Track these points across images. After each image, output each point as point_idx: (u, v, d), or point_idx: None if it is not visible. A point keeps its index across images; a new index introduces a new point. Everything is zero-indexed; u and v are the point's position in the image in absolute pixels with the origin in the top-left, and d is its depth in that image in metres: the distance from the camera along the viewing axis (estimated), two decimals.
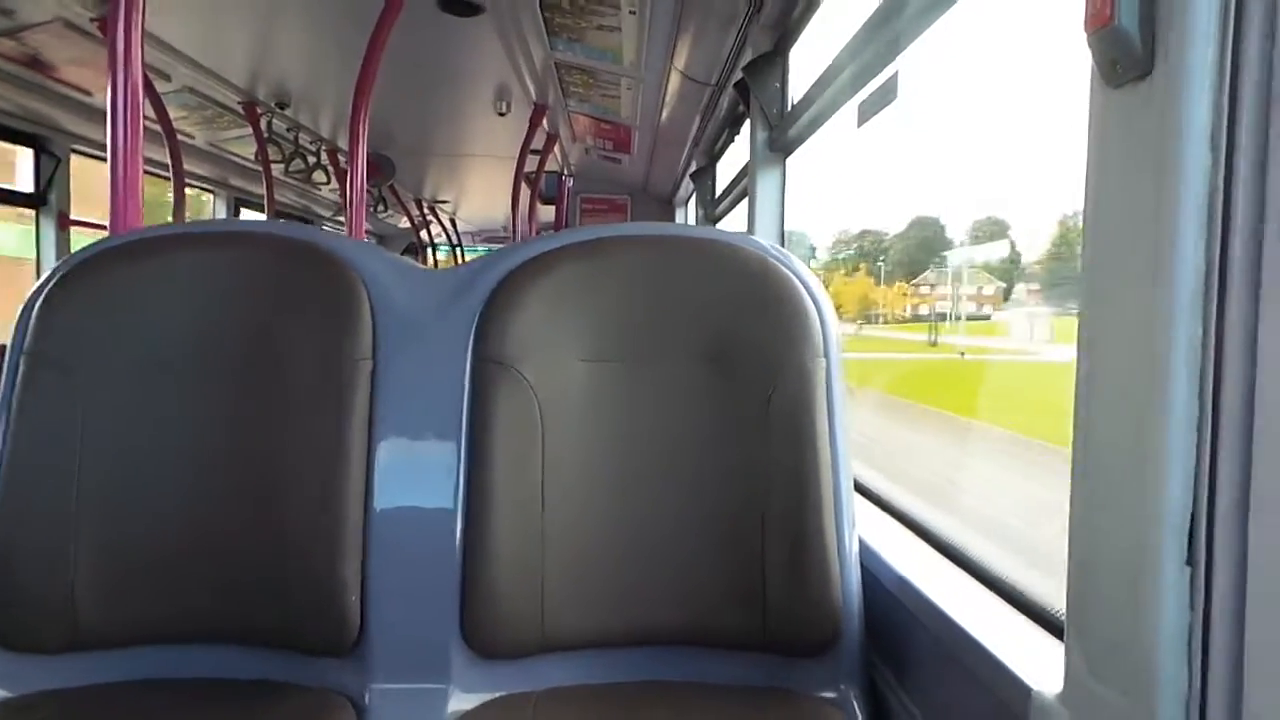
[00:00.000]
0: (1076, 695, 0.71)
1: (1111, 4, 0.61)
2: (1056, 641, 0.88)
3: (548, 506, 1.15)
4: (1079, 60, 0.68)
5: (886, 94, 1.64)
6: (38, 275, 1.42)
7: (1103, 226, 0.67)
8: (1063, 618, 0.73)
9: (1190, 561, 0.60)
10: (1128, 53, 0.61)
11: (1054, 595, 0.94)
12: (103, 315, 1.20)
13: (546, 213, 6.37)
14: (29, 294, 1.22)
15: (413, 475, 1.17)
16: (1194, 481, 0.59)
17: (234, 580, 1.15)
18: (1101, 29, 0.62)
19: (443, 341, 1.20)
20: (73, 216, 4.04)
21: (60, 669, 1.16)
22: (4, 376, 1.19)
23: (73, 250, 1.34)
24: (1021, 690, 0.79)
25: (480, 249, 10.47)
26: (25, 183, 3.96)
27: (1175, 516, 0.60)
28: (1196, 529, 0.59)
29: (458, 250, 10.16)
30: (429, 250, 9.66)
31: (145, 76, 1.65)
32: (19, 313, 1.21)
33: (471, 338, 1.19)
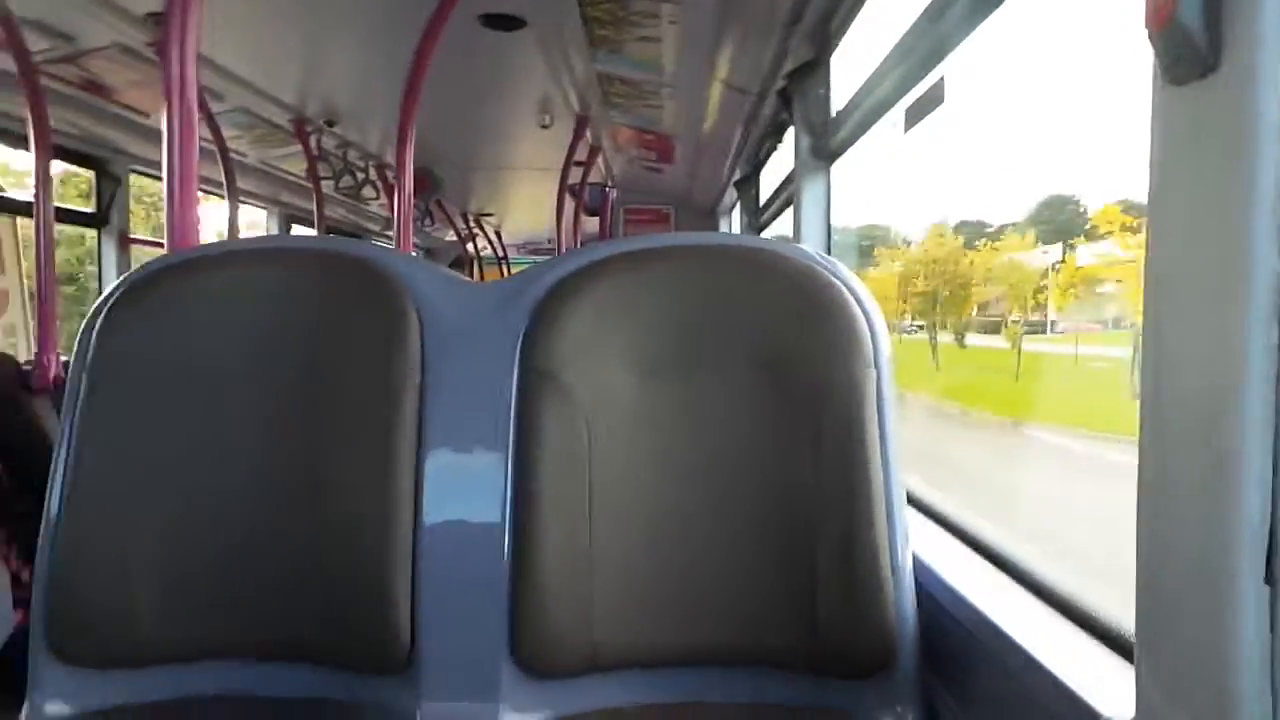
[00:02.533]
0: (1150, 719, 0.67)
1: (1173, 0, 0.58)
2: (1126, 665, 0.84)
3: (595, 521, 1.14)
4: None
5: (933, 98, 1.61)
6: (100, 293, 1.47)
7: (1168, 229, 0.64)
8: (1131, 640, 0.70)
9: (1270, 579, 0.56)
10: (1191, 49, 0.58)
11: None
12: (160, 332, 1.22)
13: (590, 224, 6.40)
14: (89, 312, 1.25)
15: (461, 490, 1.17)
16: (1272, 494, 0.56)
17: (288, 598, 1.16)
18: (1164, 26, 0.59)
19: (490, 354, 1.20)
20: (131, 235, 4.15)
21: (123, 685, 1.18)
22: (67, 394, 1.22)
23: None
24: (1090, 716, 0.76)
25: (526, 261, 10.57)
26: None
27: (1253, 531, 0.56)
28: (1276, 544, 0.56)
29: (503, 264, 10.26)
30: (475, 263, 9.77)
31: (200, 97, 1.69)
32: (80, 331, 1.24)
33: (519, 350, 1.18)
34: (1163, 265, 0.65)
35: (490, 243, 9.79)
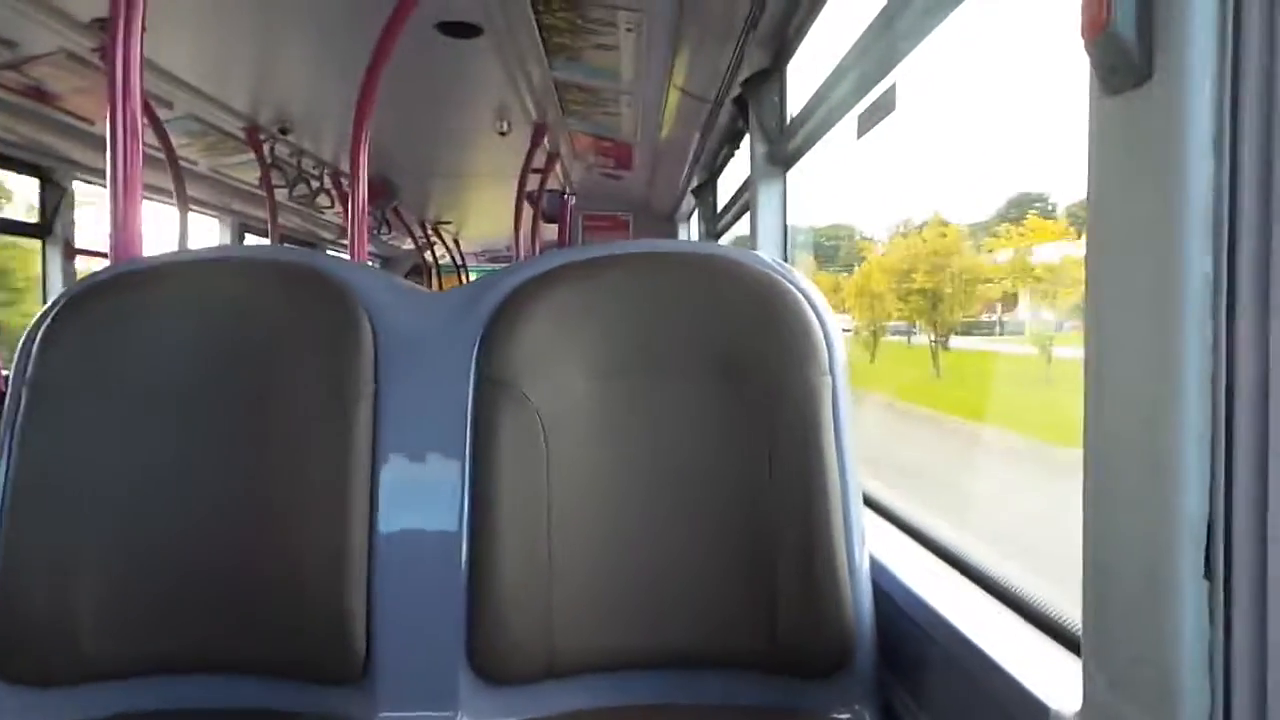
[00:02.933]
0: (1095, 714, 0.69)
1: (1107, 10, 0.60)
2: (1074, 658, 0.86)
3: (554, 528, 1.14)
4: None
5: (885, 105, 1.64)
6: (43, 305, 1.43)
7: (1106, 235, 0.66)
8: (1079, 634, 0.72)
9: (1209, 574, 0.58)
10: (1125, 59, 0.60)
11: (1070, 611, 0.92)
12: (104, 345, 1.19)
13: (549, 231, 6.39)
14: (30, 325, 1.22)
15: (417, 499, 1.16)
16: (1209, 492, 0.58)
17: (239, 610, 1.14)
18: (1098, 35, 0.61)
19: (445, 363, 1.19)
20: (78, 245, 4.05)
21: (66, 702, 1.15)
22: (6, 407, 1.19)
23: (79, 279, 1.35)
24: (1039, 709, 0.78)
25: (485, 269, 10.51)
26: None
27: (1192, 528, 0.58)
28: (1214, 541, 0.58)
29: (462, 271, 10.20)
30: (434, 271, 9.69)
31: (147, 104, 1.66)
32: (20, 344, 1.21)
33: (474, 358, 1.18)
34: (1102, 269, 0.67)
35: (448, 250, 9.72)
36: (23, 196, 4.03)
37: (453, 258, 9.94)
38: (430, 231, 8.77)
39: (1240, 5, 0.56)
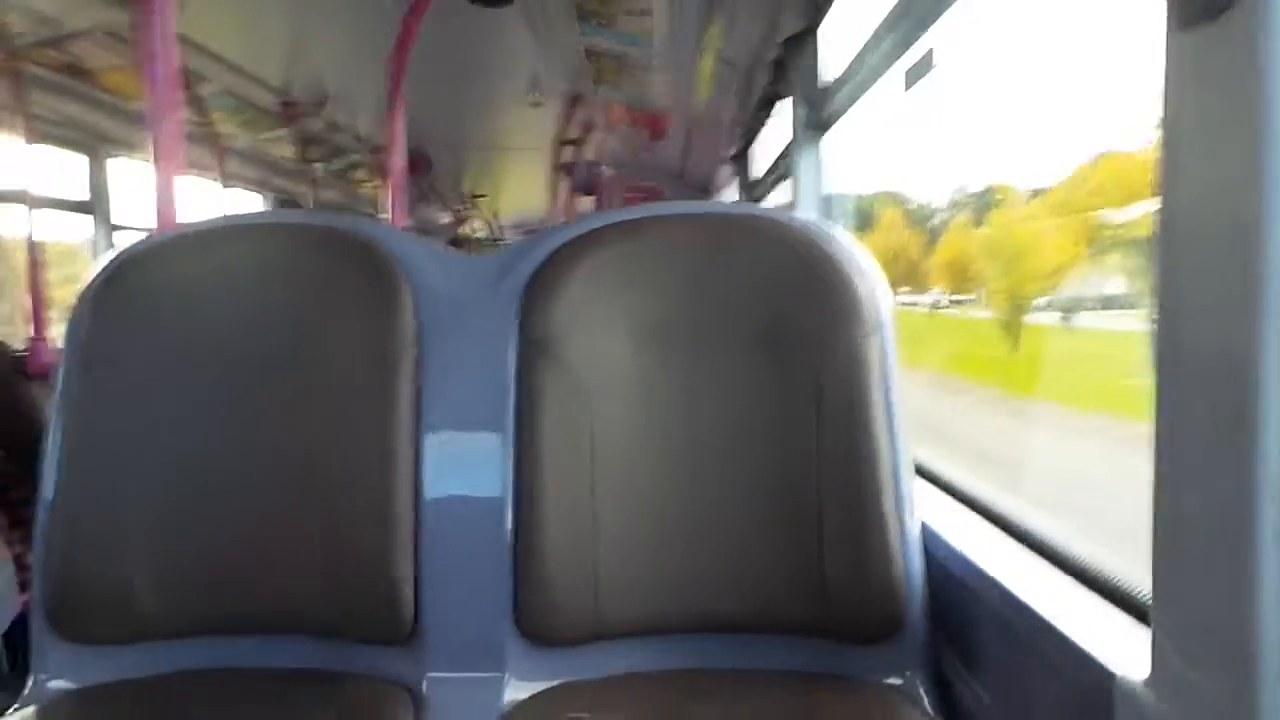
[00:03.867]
0: (1166, 679, 0.67)
1: None
2: (1139, 626, 0.83)
3: (598, 491, 1.14)
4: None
5: (925, 64, 1.60)
6: None
7: (1182, 182, 0.63)
8: (1145, 601, 0.70)
9: None
10: None
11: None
12: (150, 310, 1.21)
13: (585, 204, 6.38)
14: (78, 293, 1.24)
15: (461, 463, 1.17)
16: None
17: (288, 571, 1.16)
18: None
19: (486, 326, 1.19)
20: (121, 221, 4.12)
21: (121, 660, 1.17)
22: (59, 374, 1.21)
23: None
24: (1104, 676, 0.75)
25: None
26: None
27: (1271, 489, 0.55)
28: None
29: (498, 245, 10.23)
30: (470, 245, 9.73)
31: (186, 80, 1.67)
32: (72, 309, 1.23)
33: (516, 321, 1.18)
34: (1176, 219, 0.63)
35: (486, 223, 9.75)
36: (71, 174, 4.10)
37: (490, 230, 9.98)
38: (466, 204, 8.79)
39: None
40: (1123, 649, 0.78)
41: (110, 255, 1.27)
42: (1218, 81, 0.58)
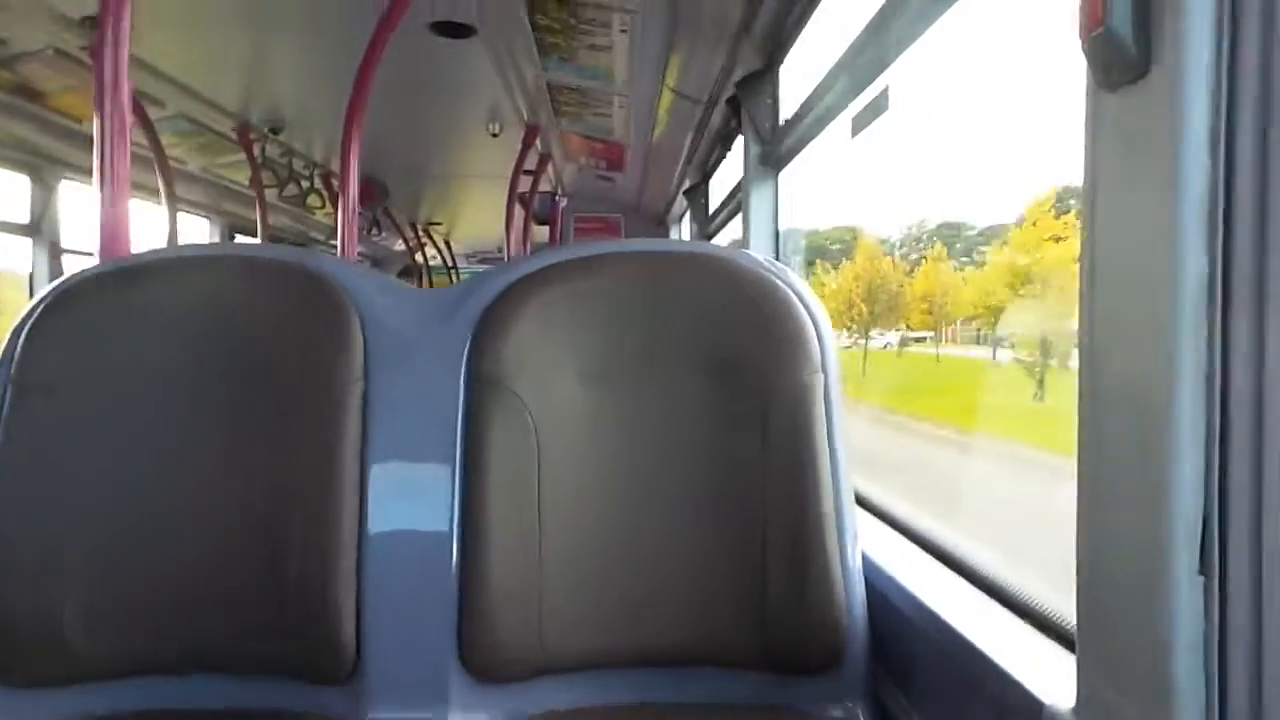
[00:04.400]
0: (1091, 708, 0.70)
1: (1103, 7, 0.60)
2: (1067, 653, 0.86)
3: (545, 526, 1.14)
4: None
5: (879, 106, 1.65)
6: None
7: (1102, 231, 0.66)
8: (1073, 630, 0.72)
9: (1204, 570, 0.58)
10: (1122, 56, 0.61)
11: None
12: (90, 341, 1.18)
13: (541, 233, 6.38)
14: (16, 321, 1.21)
15: (407, 497, 1.16)
16: (1204, 487, 0.58)
17: (228, 609, 1.14)
18: (1095, 32, 0.61)
19: (435, 361, 1.19)
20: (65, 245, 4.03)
21: (53, 703, 1.14)
22: None
23: None
24: (1033, 704, 0.78)
25: (475, 270, 10.48)
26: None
27: (1186, 523, 0.59)
28: (1209, 536, 0.58)
29: (453, 273, 10.17)
30: (424, 272, 9.66)
31: (137, 103, 1.65)
32: (6, 340, 1.20)
33: (465, 357, 1.18)
34: (1097, 265, 0.67)
35: (439, 251, 9.70)
36: (11, 196, 4.00)
37: (443, 259, 9.92)
38: (421, 232, 8.74)
39: (1237, 1, 0.56)
40: (1051, 678, 0.81)
41: (53, 284, 1.25)
42: (1137, 140, 0.62)
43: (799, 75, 2.34)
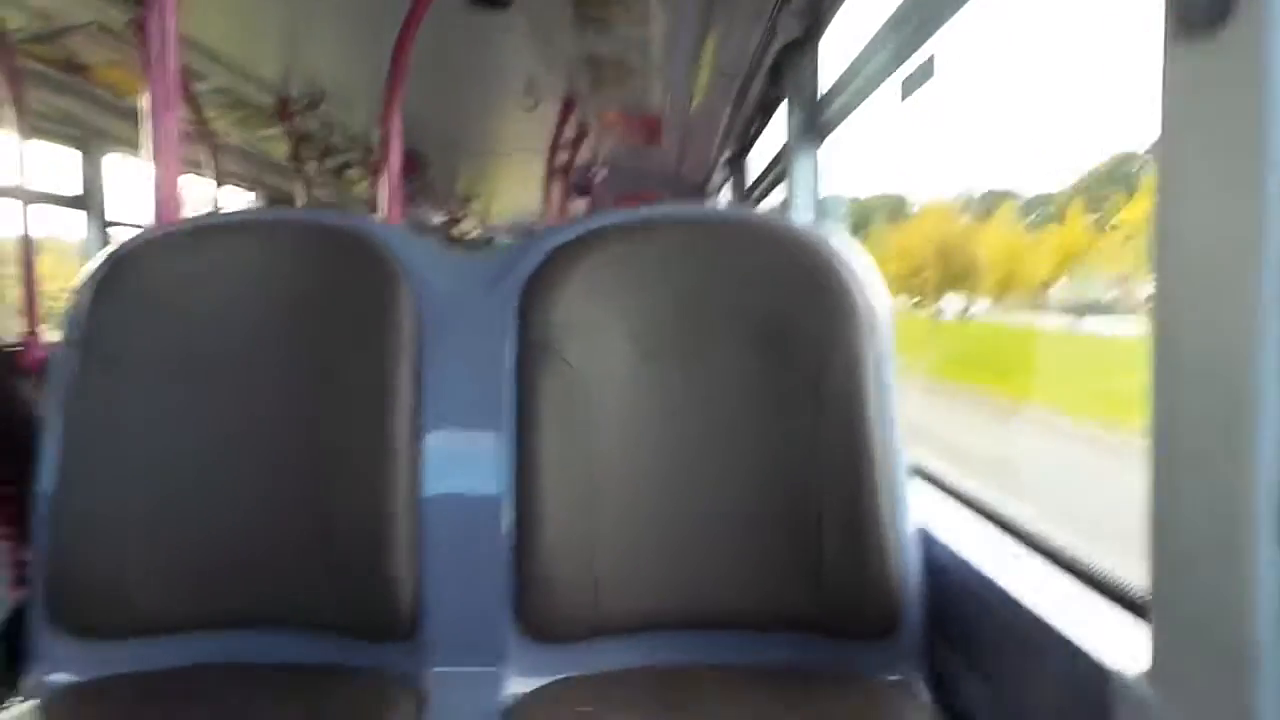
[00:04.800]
0: (1165, 674, 0.68)
1: None
2: (1136, 622, 0.84)
3: (596, 488, 1.14)
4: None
5: (925, 73, 1.61)
6: None
7: (1177, 194, 0.64)
8: (1141, 598, 0.71)
9: None
10: (1200, 1, 0.57)
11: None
12: (147, 305, 1.21)
13: (578, 206, 6.38)
14: (75, 286, 1.24)
15: (460, 460, 1.17)
16: None
17: (288, 567, 1.16)
18: None
19: (485, 326, 1.20)
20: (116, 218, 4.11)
21: (125, 654, 1.17)
22: (54, 368, 1.21)
23: None
24: (1101, 671, 0.76)
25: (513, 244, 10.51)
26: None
27: (1267, 490, 0.57)
28: None
29: (491, 245, 10.23)
30: (463, 246, 9.73)
31: (181, 77, 1.67)
32: (68, 307, 1.23)
33: (514, 321, 1.18)
34: (1172, 226, 0.64)
35: (478, 225, 9.75)
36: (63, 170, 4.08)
37: (483, 231, 9.97)
38: (459, 205, 8.79)
39: None
40: (1119, 645, 0.79)
41: (108, 250, 1.27)
42: (1216, 92, 0.59)
43: (841, 44, 2.30)
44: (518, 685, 1.13)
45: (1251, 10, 0.55)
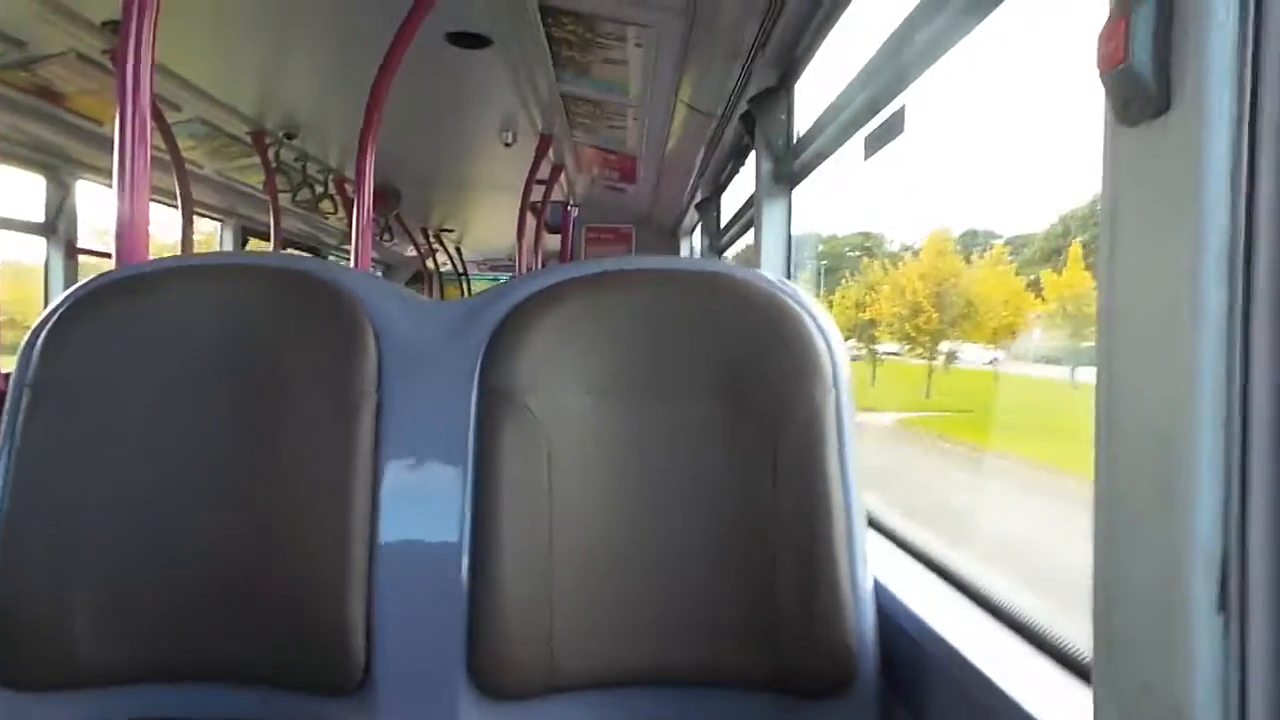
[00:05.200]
0: None
1: (1125, 44, 0.60)
2: (1082, 686, 0.85)
3: (556, 542, 1.14)
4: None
5: (893, 127, 1.65)
6: (45, 304, 1.43)
7: (1121, 265, 0.66)
8: (1088, 662, 0.72)
9: (1223, 608, 0.58)
10: (1142, 92, 0.60)
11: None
12: (105, 348, 1.19)
13: (552, 242, 6.41)
14: (33, 327, 1.22)
15: (419, 509, 1.16)
16: (1224, 525, 0.58)
17: (238, 618, 1.14)
18: (1115, 69, 0.61)
19: (449, 374, 1.19)
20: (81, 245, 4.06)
21: (61, 708, 1.14)
22: (7, 408, 1.19)
23: (80, 279, 1.35)
24: None
25: (486, 278, 10.53)
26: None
27: (1205, 560, 0.58)
28: (1229, 573, 0.58)
29: (463, 280, 10.21)
30: (435, 279, 9.71)
31: (155, 107, 1.66)
32: (23, 345, 1.21)
33: (478, 370, 1.18)
34: (1115, 300, 0.67)
35: (450, 259, 9.73)
36: (29, 195, 4.03)
37: (454, 266, 9.96)
38: (433, 239, 8.78)
39: (1260, 38, 0.56)
40: (1064, 709, 0.80)
41: (68, 291, 1.26)
42: (1157, 176, 0.62)
43: (815, 93, 2.34)
44: None
45: (1189, 101, 0.58)
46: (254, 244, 6.06)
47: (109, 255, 1.63)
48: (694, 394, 1.18)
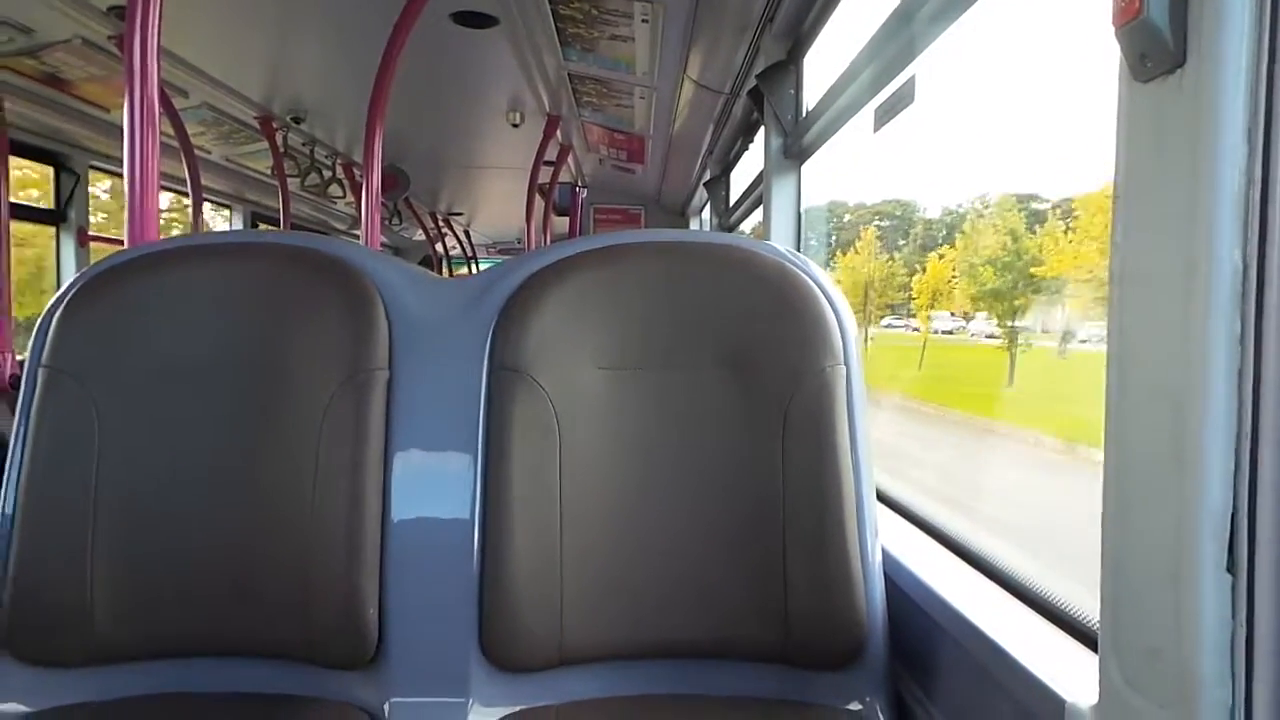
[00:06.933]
0: (1112, 707, 0.69)
1: None
2: (1090, 653, 0.85)
3: (566, 515, 1.14)
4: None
5: (903, 97, 1.63)
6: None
7: (1134, 222, 0.65)
8: (1096, 629, 0.71)
9: (1231, 568, 0.58)
10: (1158, 46, 0.60)
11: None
12: (119, 328, 1.20)
13: (560, 224, 6.39)
14: (47, 308, 1.23)
15: (430, 485, 1.16)
16: (1233, 485, 0.57)
17: (252, 593, 1.15)
18: (1130, 22, 0.60)
19: (458, 350, 1.20)
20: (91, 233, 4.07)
21: (79, 683, 1.16)
22: (23, 389, 1.20)
23: None
24: (1055, 702, 0.77)
25: (495, 261, 10.52)
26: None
27: (1214, 520, 0.58)
28: (1237, 533, 0.57)
29: (472, 263, 10.21)
30: (444, 263, 9.71)
31: (163, 93, 1.66)
32: (37, 326, 1.22)
33: (487, 345, 1.18)
34: (1127, 259, 0.66)
35: (459, 242, 9.73)
36: (38, 183, 4.04)
37: (463, 249, 9.95)
38: (441, 222, 8.77)
39: None
40: (1073, 675, 0.80)
41: (83, 271, 1.26)
42: (1170, 133, 0.61)
43: (823, 68, 2.32)
44: (479, 716, 1.12)
45: (1205, 55, 0.57)
46: (263, 230, 6.08)
47: (121, 241, 1.64)
48: (703, 366, 1.18)
